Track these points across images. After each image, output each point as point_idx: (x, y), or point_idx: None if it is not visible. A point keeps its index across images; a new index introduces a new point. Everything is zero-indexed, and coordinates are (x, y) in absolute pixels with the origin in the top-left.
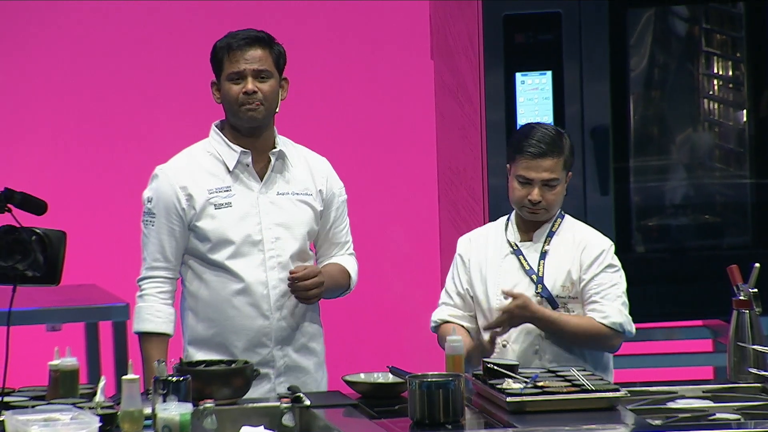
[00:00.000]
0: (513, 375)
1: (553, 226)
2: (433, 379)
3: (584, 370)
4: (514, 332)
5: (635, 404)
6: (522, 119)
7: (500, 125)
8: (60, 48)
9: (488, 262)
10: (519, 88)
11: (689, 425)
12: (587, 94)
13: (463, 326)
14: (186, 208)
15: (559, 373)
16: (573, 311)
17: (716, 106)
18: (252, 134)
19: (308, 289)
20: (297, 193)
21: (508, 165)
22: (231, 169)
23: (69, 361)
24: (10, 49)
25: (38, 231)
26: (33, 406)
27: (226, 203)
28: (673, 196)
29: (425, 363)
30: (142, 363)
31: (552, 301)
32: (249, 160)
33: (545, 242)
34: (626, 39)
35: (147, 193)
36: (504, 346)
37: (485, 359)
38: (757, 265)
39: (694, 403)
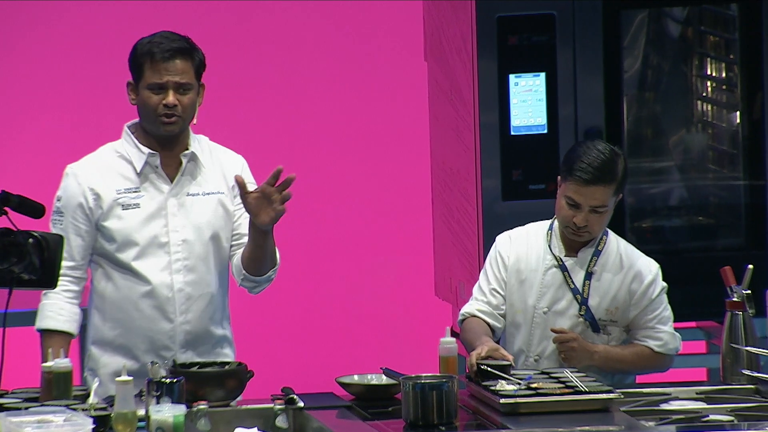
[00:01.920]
0: (506, 376)
1: (598, 244)
2: (427, 381)
3: (578, 371)
4: (548, 347)
5: (629, 406)
6: (515, 121)
7: (494, 127)
8: (59, 50)
9: (530, 272)
10: (513, 89)
11: (683, 427)
12: (581, 96)
13: (488, 323)
14: (93, 207)
15: (552, 375)
16: (611, 334)
17: (710, 107)
18: (166, 140)
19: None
20: (208, 193)
21: (559, 178)
22: (139, 171)
23: (62, 363)
24: (9, 51)
25: (36, 234)
26: (26, 408)
27: (134, 204)
28: (666, 197)
29: (419, 364)
30: (43, 359)
31: (593, 323)
32: (158, 162)
33: (591, 262)
34: (620, 40)
35: (58, 192)
36: (536, 360)
37: (479, 361)
38: (751, 266)
39: (688, 404)
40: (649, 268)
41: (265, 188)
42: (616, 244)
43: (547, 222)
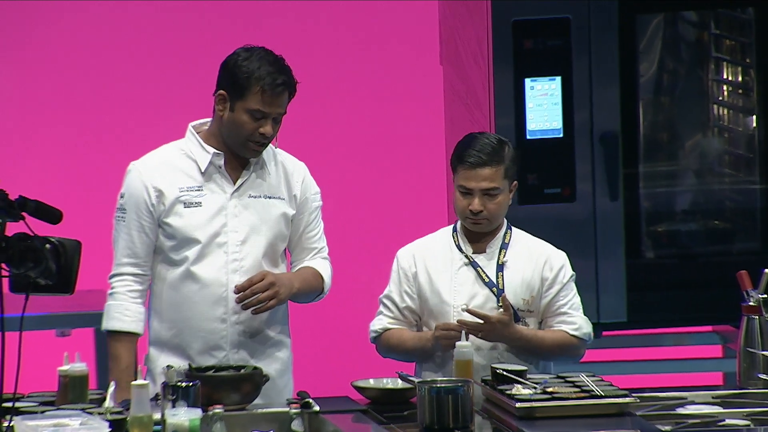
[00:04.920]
0: (522, 380)
1: (505, 237)
2: (443, 385)
3: (593, 375)
4: (476, 343)
5: (645, 410)
6: (531, 125)
7: (509, 131)
8: (78, 55)
9: (440, 274)
10: (528, 93)
11: (698, 431)
12: (597, 100)
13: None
14: (156, 204)
15: (568, 379)
16: (529, 325)
17: (726, 111)
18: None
19: (261, 301)
20: (269, 197)
21: (452, 174)
22: (203, 170)
23: (78, 367)
24: (25, 56)
25: (53, 240)
26: (42, 412)
27: (196, 202)
28: (682, 201)
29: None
30: (109, 361)
31: (514, 313)
32: (221, 162)
33: (501, 254)
34: (636, 44)
35: (121, 190)
36: (498, 357)
37: (493, 365)
38: (767, 270)
39: (704, 408)
40: (558, 255)
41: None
42: (522, 235)
43: (450, 227)
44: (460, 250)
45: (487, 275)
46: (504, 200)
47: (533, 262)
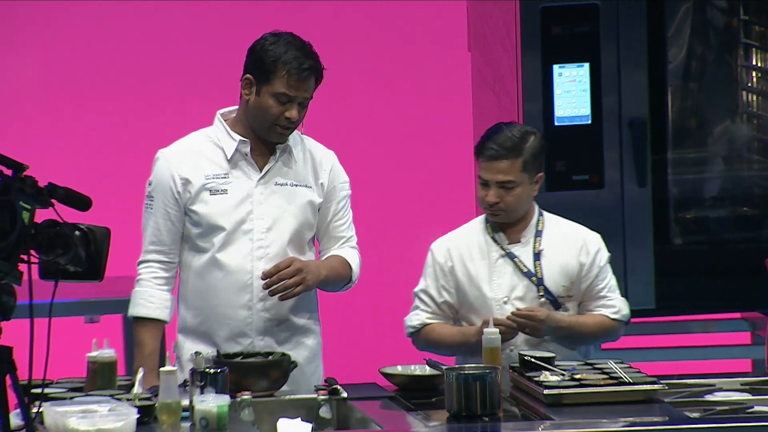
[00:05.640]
0: (550, 367)
1: (538, 224)
2: (471, 372)
3: (621, 362)
4: (519, 335)
5: (673, 397)
6: (559, 111)
7: (537, 117)
8: (108, 41)
9: (478, 268)
10: (556, 80)
11: (727, 418)
12: (625, 86)
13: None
14: (182, 191)
15: (596, 366)
16: (569, 310)
17: (754, 97)
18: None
19: (288, 287)
20: (296, 185)
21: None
22: (229, 158)
23: (107, 353)
24: (54, 43)
25: (82, 227)
26: (71, 398)
27: (221, 190)
28: (711, 188)
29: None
30: (134, 347)
31: (555, 302)
32: (247, 149)
33: (536, 242)
34: (664, 30)
35: (150, 177)
36: (511, 351)
37: (521, 351)
38: None
39: (732, 395)
40: (593, 238)
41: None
42: (555, 220)
43: (481, 217)
44: (495, 242)
45: (524, 265)
46: (522, 193)
47: (569, 248)
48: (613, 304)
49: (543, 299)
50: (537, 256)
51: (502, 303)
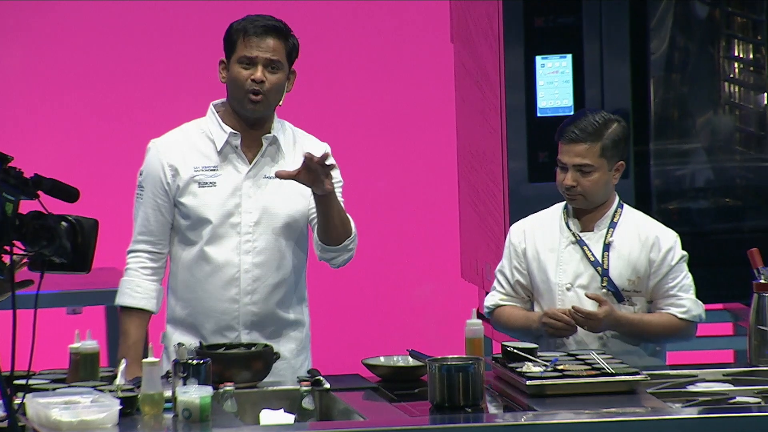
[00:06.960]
0: (533, 358)
1: (614, 216)
2: (453, 363)
3: (604, 354)
4: (581, 331)
5: (655, 387)
6: (542, 102)
7: (520, 109)
8: (98, 31)
9: (547, 252)
10: (539, 71)
11: (709, 408)
12: (607, 78)
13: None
14: (171, 182)
15: (578, 357)
16: (636, 305)
17: (737, 89)
18: (250, 121)
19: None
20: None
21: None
22: (219, 150)
23: (89, 344)
24: (42, 33)
25: (70, 218)
26: (54, 389)
27: (210, 182)
28: (693, 179)
29: (445, 346)
30: (119, 336)
31: (618, 294)
32: (238, 142)
33: (608, 233)
34: (647, 22)
35: (141, 167)
36: (567, 336)
37: (504, 342)
38: None
39: (715, 386)
40: (667, 236)
41: (308, 163)
42: (633, 214)
43: (562, 202)
44: (568, 227)
45: (593, 254)
46: (600, 178)
47: (641, 243)
48: (683, 304)
49: (606, 290)
50: (606, 246)
51: (565, 289)
